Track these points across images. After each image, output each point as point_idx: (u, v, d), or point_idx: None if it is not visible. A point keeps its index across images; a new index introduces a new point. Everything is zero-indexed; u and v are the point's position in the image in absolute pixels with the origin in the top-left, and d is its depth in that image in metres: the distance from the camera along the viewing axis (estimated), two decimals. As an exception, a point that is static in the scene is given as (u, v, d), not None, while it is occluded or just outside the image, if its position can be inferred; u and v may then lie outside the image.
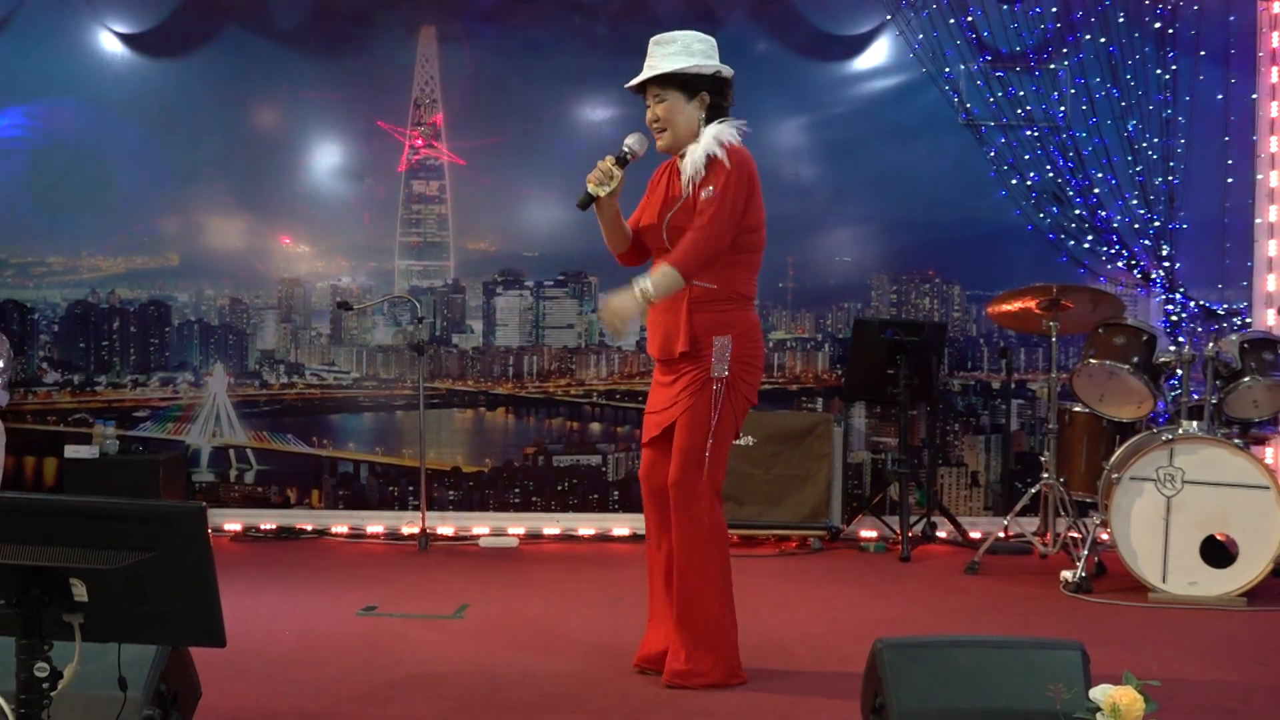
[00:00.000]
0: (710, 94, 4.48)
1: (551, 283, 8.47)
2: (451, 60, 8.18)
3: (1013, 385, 8.33)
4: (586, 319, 8.39)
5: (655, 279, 4.32)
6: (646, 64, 4.47)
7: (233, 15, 8.32)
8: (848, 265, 8.53)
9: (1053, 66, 8.15)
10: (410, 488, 8.36)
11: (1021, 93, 8.19)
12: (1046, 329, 7.02)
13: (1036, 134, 8.20)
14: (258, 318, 8.59)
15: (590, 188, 4.44)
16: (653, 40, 4.46)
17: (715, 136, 4.42)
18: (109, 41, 8.31)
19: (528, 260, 8.50)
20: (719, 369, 4.39)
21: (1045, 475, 7.13)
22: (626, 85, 4.51)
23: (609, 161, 4.43)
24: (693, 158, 4.43)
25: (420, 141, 8.28)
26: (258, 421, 8.46)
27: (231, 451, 8.41)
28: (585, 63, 8.20)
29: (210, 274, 8.56)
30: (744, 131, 4.49)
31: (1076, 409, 7.11)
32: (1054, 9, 8.12)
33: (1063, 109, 8.17)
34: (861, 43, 8.39)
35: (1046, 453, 7.12)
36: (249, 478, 8.41)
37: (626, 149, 4.48)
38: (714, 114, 4.51)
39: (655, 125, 4.52)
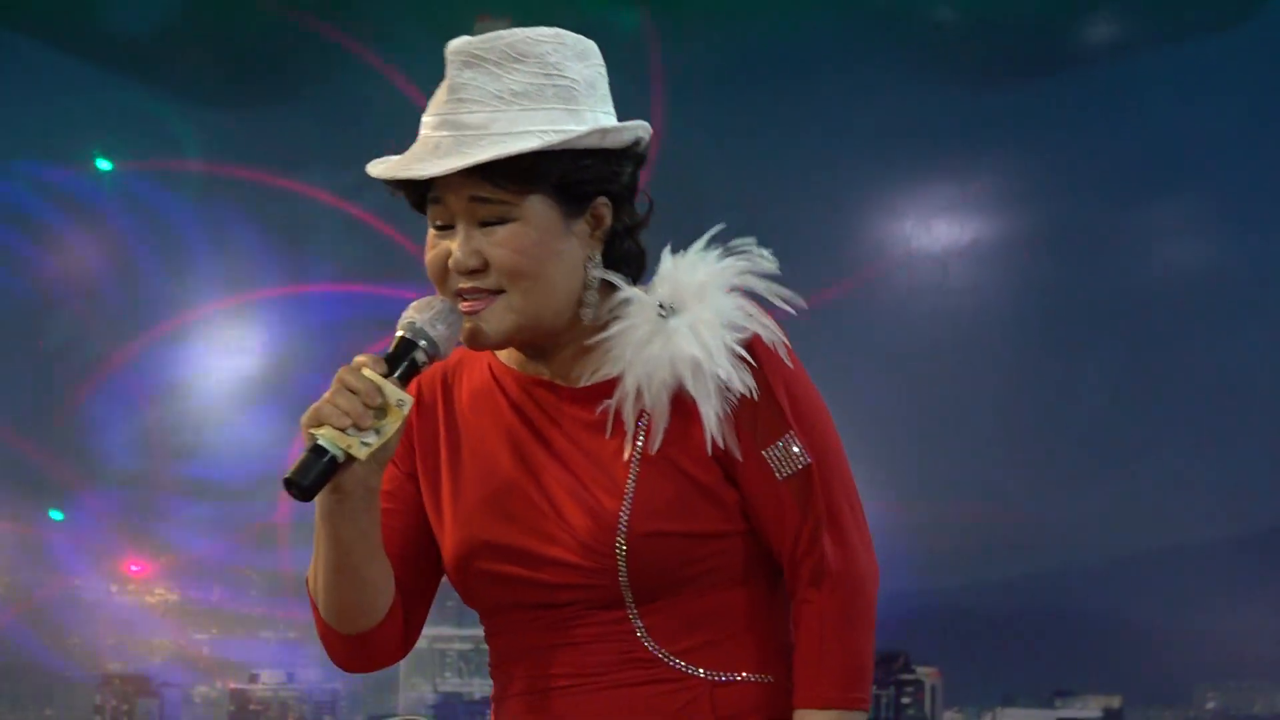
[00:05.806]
0: (615, 202, 2.11)
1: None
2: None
3: None
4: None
5: None
6: (442, 114, 1.99)
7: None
8: None
9: None
10: None
11: None
12: None
13: None
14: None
15: (323, 437, 1.82)
16: (461, 50, 2.02)
17: (738, 309, 2.24)
18: None
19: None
20: None
21: None
22: (399, 173, 1.99)
23: (374, 371, 1.91)
24: (706, 361, 2.13)
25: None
26: None
27: None
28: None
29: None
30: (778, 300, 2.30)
31: None
32: None
33: None
34: None
35: None
36: None
37: (421, 337, 1.96)
38: (618, 252, 2.11)
39: (473, 284, 2.05)
